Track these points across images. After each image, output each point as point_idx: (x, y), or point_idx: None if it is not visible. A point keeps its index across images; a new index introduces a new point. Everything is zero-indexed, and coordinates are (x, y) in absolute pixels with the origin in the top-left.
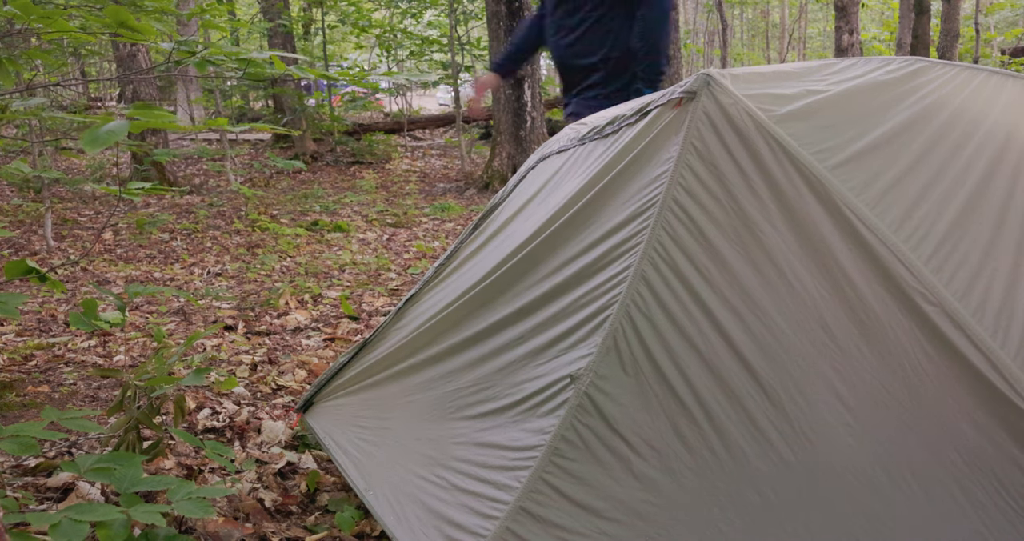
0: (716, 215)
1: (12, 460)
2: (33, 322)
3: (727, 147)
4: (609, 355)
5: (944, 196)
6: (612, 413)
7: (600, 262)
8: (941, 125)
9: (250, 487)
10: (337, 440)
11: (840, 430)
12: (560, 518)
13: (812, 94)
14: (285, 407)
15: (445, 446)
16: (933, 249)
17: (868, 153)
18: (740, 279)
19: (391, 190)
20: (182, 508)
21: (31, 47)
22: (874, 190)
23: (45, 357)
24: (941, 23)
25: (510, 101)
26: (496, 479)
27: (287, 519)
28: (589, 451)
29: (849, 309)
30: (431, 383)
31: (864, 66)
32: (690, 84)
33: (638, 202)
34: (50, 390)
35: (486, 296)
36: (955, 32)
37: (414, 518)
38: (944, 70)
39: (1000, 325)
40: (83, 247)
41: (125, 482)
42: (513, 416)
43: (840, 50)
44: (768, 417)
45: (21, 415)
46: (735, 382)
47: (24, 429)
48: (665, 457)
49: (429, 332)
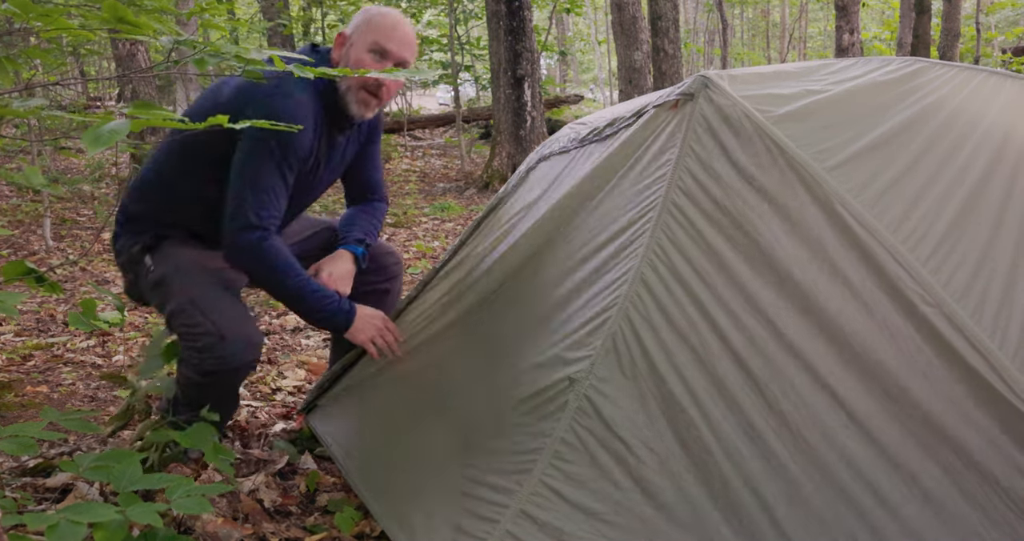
0: (714, 218)
1: (11, 461)
2: (32, 322)
3: (724, 149)
4: (608, 358)
5: (942, 197)
6: (611, 415)
7: (600, 265)
8: (939, 126)
9: (250, 487)
10: (339, 441)
11: (838, 432)
12: (560, 521)
13: (811, 94)
14: (284, 407)
15: (448, 448)
16: (931, 250)
17: (866, 154)
18: (738, 281)
19: (391, 189)
20: (179, 505)
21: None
22: (872, 191)
23: (44, 357)
24: (942, 22)
25: (510, 101)
26: (496, 482)
27: (286, 519)
28: (588, 454)
29: (847, 311)
30: (432, 385)
31: (863, 66)
32: (687, 86)
33: (637, 205)
34: (49, 390)
35: (487, 298)
36: (956, 31)
37: (414, 519)
38: (943, 71)
39: (998, 326)
40: (82, 247)
41: (123, 481)
42: (513, 419)
43: (841, 50)
44: (765, 419)
45: (20, 415)
46: (732, 384)
47: (23, 429)
48: (663, 459)
49: (430, 333)
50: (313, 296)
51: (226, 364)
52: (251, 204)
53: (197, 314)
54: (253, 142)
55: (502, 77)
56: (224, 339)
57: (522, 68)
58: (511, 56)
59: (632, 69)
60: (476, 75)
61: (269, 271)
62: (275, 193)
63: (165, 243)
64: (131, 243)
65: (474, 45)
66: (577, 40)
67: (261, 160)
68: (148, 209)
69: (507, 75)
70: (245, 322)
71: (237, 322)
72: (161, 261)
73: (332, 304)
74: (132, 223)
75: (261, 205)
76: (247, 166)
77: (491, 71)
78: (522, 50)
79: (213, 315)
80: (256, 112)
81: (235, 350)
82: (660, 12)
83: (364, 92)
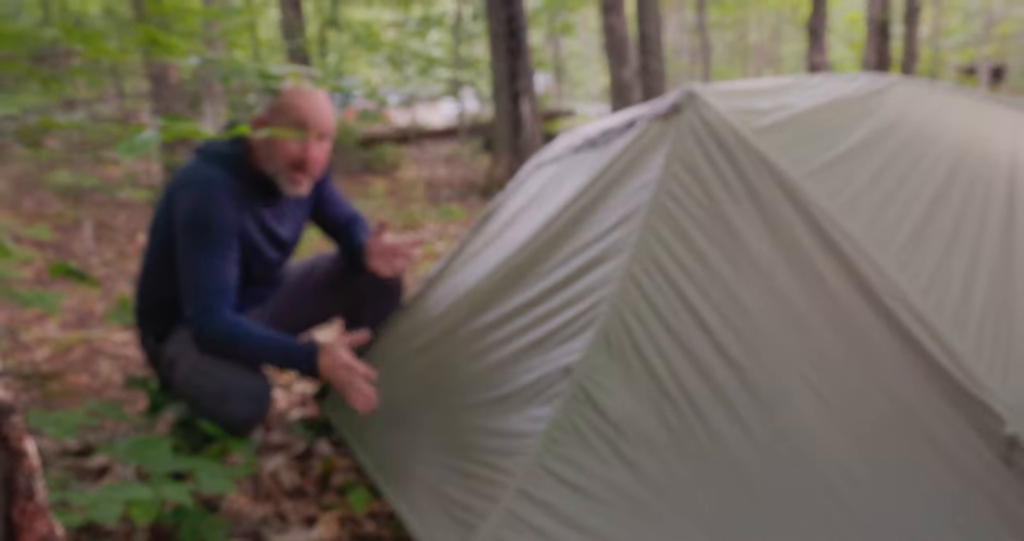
0: (700, 219)
1: (55, 443)
2: (74, 318)
3: (709, 157)
4: (600, 349)
5: (907, 202)
6: (603, 402)
7: (592, 262)
8: (904, 137)
9: (271, 469)
10: (351, 427)
11: (815, 420)
12: (556, 499)
13: (787, 108)
14: (302, 394)
15: (450, 432)
16: (898, 249)
17: (838, 163)
18: (722, 278)
19: (399, 196)
20: (206, 484)
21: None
22: (844, 196)
23: (84, 350)
24: (904, 44)
25: (509, 114)
26: (497, 463)
27: (304, 499)
28: (582, 438)
29: (821, 305)
30: (437, 374)
31: (833, 82)
32: (676, 99)
33: (627, 207)
34: (89, 380)
35: (488, 294)
36: (915, 53)
37: (422, 499)
38: (905, 86)
39: (958, 319)
40: (118, 248)
41: (156, 463)
42: (512, 405)
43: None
44: (748, 407)
45: (63, 403)
46: (717, 374)
47: (66, 416)
48: (652, 443)
49: (435, 327)
50: (276, 344)
51: (235, 419)
52: (192, 292)
53: (199, 377)
54: (181, 233)
55: (502, 92)
56: (227, 395)
57: (520, 84)
58: (510, 73)
59: (622, 85)
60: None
61: (233, 345)
62: (211, 272)
63: (174, 329)
64: (147, 338)
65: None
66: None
67: (189, 245)
68: (151, 307)
69: (506, 91)
70: (247, 377)
71: (238, 378)
72: (171, 344)
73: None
74: (143, 321)
75: (199, 291)
76: (181, 257)
77: (493, 87)
78: (520, 68)
79: (213, 376)
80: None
81: (238, 406)
82: (646, 33)
83: (292, 171)
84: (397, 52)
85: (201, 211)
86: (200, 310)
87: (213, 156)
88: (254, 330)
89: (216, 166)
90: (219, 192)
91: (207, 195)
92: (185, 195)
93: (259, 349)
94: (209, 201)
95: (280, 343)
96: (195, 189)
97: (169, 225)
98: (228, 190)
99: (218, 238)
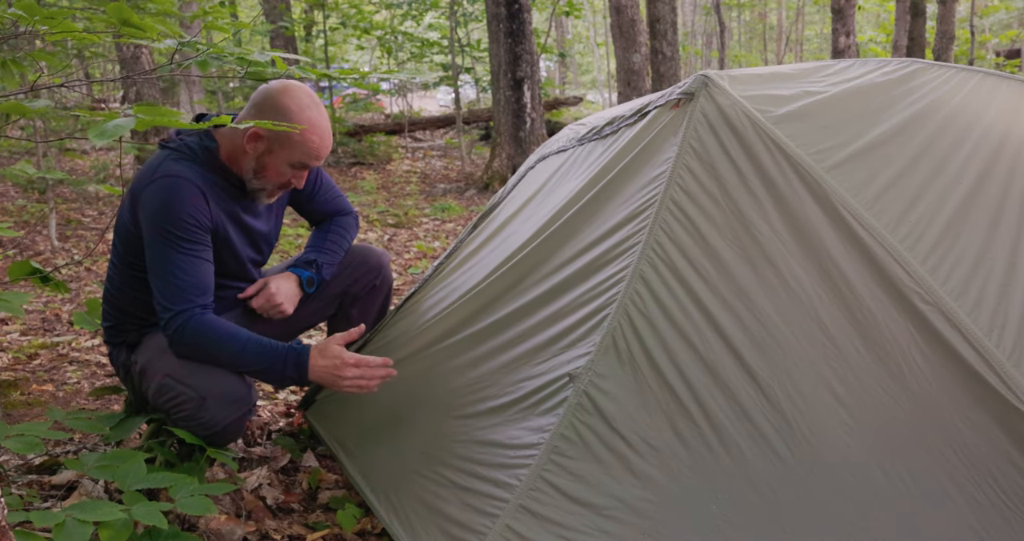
0: (714, 215)
1: (17, 458)
2: (38, 321)
3: (725, 148)
4: (608, 354)
5: (940, 196)
6: (611, 411)
7: (599, 262)
8: (937, 126)
9: (253, 485)
10: (339, 438)
11: (837, 428)
12: (560, 516)
13: (809, 95)
14: (286, 405)
15: (446, 444)
16: (929, 249)
17: (865, 154)
18: (737, 279)
19: (392, 190)
20: (184, 506)
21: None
22: (871, 190)
23: (49, 356)
24: (937, 25)
25: (510, 103)
26: (496, 477)
27: (289, 517)
28: (588, 449)
29: (846, 309)
30: (432, 381)
31: (861, 67)
32: (688, 85)
33: (636, 202)
34: (54, 389)
35: (487, 295)
36: (951, 34)
37: (415, 516)
38: (940, 72)
39: (996, 324)
40: (87, 247)
41: (128, 479)
42: (513, 414)
43: (837, 52)
44: (765, 415)
45: (26, 414)
46: (732, 381)
47: (29, 428)
48: (663, 455)
49: (430, 331)
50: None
51: (215, 425)
52: (164, 295)
53: (176, 384)
54: (148, 233)
55: (502, 79)
56: (205, 400)
57: (522, 70)
58: (511, 58)
59: (630, 71)
60: (476, 77)
61: (211, 348)
62: (185, 272)
63: (144, 338)
64: (118, 352)
65: (474, 48)
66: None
67: (159, 245)
68: (120, 320)
69: (507, 77)
70: (225, 380)
71: (216, 381)
72: (142, 353)
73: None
74: (113, 334)
75: (173, 292)
76: (151, 258)
77: (491, 73)
78: (522, 52)
79: (191, 381)
80: (149, 194)
81: (218, 410)
82: (658, 15)
83: (279, 189)
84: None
85: (169, 208)
86: (175, 313)
87: (180, 149)
88: (234, 331)
89: (183, 161)
90: (187, 187)
91: (175, 190)
92: (151, 192)
93: (241, 352)
94: (177, 197)
95: (264, 344)
96: (162, 185)
97: (135, 225)
98: (197, 185)
99: (189, 236)
